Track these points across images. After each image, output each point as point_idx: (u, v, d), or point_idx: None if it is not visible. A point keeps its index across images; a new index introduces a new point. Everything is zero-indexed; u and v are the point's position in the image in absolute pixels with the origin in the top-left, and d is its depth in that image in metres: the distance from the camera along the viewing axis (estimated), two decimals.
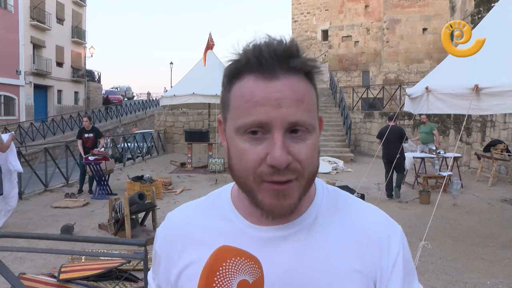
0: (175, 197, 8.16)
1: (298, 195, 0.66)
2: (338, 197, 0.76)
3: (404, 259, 0.71)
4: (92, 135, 8.55)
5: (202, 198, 0.82)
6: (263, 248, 0.69)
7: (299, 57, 0.64)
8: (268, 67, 0.63)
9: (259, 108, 0.62)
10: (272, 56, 0.63)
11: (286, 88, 0.62)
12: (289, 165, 0.63)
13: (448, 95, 4.81)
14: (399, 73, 20.46)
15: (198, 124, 17.36)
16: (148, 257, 2.66)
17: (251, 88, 0.63)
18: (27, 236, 3.80)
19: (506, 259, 4.68)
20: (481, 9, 12.24)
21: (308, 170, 0.65)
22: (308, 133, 0.65)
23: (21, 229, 5.85)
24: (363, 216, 0.74)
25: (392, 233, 0.72)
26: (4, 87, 23.45)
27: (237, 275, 0.57)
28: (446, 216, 6.51)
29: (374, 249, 0.70)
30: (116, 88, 43.41)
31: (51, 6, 28.46)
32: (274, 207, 0.65)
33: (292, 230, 0.70)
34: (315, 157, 0.67)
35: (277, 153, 0.61)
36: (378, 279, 0.70)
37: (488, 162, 9.90)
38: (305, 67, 0.65)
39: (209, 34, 12.04)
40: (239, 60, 0.65)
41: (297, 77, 0.64)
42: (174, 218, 0.80)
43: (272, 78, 0.63)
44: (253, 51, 0.64)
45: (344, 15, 23.97)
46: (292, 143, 0.63)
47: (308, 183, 0.67)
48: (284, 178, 0.63)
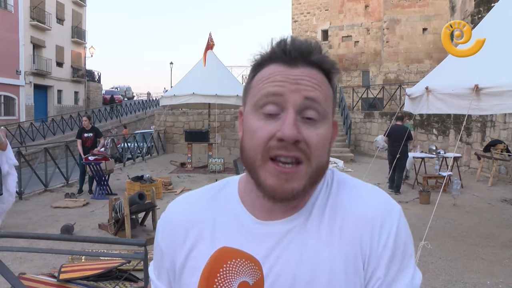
0: (175, 197, 8.13)
1: (303, 182, 0.65)
2: (334, 179, 0.75)
3: (395, 241, 0.67)
4: (91, 135, 8.50)
5: (203, 190, 0.80)
6: (269, 243, 0.69)
7: (320, 54, 0.69)
8: (290, 57, 0.67)
9: (277, 83, 0.66)
10: (296, 49, 0.68)
11: (305, 74, 0.67)
12: (298, 142, 0.64)
13: (448, 95, 4.81)
14: (399, 73, 20.46)
15: (198, 124, 17.36)
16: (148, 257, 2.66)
17: (271, 71, 0.68)
18: (27, 236, 3.79)
19: (506, 259, 4.68)
20: (481, 9, 12.24)
21: (315, 157, 0.66)
22: (321, 120, 0.66)
23: (21, 229, 5.84)
24: (358, 197, 0.72)
25: (387, 213, 0.69)
26: (4, 87, 23.45)
27: (237, 277, 0.57)
28: (446, 216, 6.51)
29: (365, 229, 0.68)
30: (116, 88, 43.40)
31: (51, 6, 28.46)
32: (275, 188, 0.65)
33: (295, 222, 0.70)
34: (324, 148, 0.67)
35: (287, 127, 0.63)
36: (366, 260, 0.67)
37: (488, 162, 9.90)
38: (324, 63, 0.69)
39: (209, 34, 12.04)
40: (265, 53, 0.70)
41: (316, 70, 0.68)
42: (175, 210, 0.79)
43: (292, 66, 0.67)
44: (279, 44, 0.69)
45: (344, 15, 23.98)
46: (304, 126, 0.65)
47: (316, 174, 0.67)
48: (290, 154, 0.64)
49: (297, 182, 0.65)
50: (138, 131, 18.53)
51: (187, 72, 13.02)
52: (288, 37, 0.69)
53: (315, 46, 0.69)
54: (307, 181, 0.66)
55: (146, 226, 5.87)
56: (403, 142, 7.86)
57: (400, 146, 7.75)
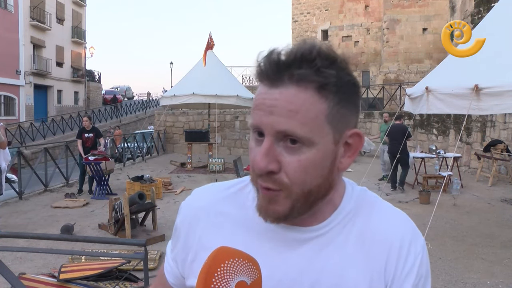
0: (175, 197, 8.16)
1: (287, 206, 0.64)
2: (364, 201, 0.73)
3: (419, 271, 0.68)
4: (92, 135, 8.47)
5: (230, 183, 0.80)
6: (283, 249, 0.69)
7: (310, 66, 0.60)
8: (268, 75, 0.62)
9: (257, 111, 0.63)
10: (273, 64, 0.61)
11: (282, 97, 0.61)
12: (273, 174, 0.62)
13: (448, 95, 4.81)
14: (399, 73, 20.47)
15: (198, 124, 17.36)
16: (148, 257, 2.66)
17: (258, 92, 0.65)
18: (27, 236, 3.79)
19: (506, 259, 4.68)
20: (481, 9, 12.24)
21: (298, 185, 0.62)
22: (305, 146, 0.61)
23: (21, 229, 5.84)
24: (386, 223, 0.71)
25: (414, 241, 0.69)
26: (4, 87, 23.46)
27: (235, 277, 0.58)
28: (446, 216, 6.51)
29: (391, 253, 0.68)
30: (116, 88, 43.41)
31: (51, 6, 28.46)
32: (261, 209, 0.66)
33: (314, 233, 0.69)
34: (311, 174, 0.63)
35: (257, 158, 0.62)
36: (389, 284, 0.68)
37: (488, 162, 9.90)
38: (309, 77, 0.60)
39: (209, 34, 12.04)
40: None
41: (300, 87, 0.60)
42: (199, 197, 0.80)
43: (272, 86, 0.62)
44: (257, 59, 0.64)
45: (344, 15, 23.98)
46: (286, 153, 0.62)
47: (304, 198, 0.64)
48: (264, 185, 0.63)
49: (280, 206, 0.64)
50: (138, 131, 18.54)
51: (187, 72, 13.02)
52: (274, 48, 0.62)
53: (305, 55, 0.60)
54: (292, 204, 0.64)
55: (146, 226, 5.87)
56: (403, 141, 7.99)
57: (397, 144, 8.01)
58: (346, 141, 0.66)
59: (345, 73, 0.63)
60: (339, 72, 0.62)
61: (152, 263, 4.38)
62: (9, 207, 7.34)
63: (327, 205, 0.70)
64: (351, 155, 0.67)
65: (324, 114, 0.62)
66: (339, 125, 0.64)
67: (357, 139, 0.67)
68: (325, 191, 0.67)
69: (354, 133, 0.66)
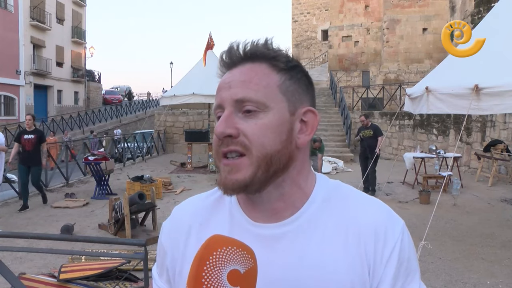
0: (175, 197, 8.16)
1: (248, 172, 0.66)
2: (338, 191, 0.75)
3: (400, 255, 0.68)
4: (33, 137, 6.94)
5: (208, 193, 0.82)
6: (262, 245, 0.69)
7: (263, 46, 0.70)
8: (229, 60, 0.71)
9: (218, 93, 0.70)
10: (234, 50, 0.71)
11: (238, 72, 0.69)
12: (233, 137, 0.66)
13: (448, 95, 4.81)
14: (399, 73, 20.46)
15: (198, 124, 17.36)
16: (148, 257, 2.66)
17: (220, 81, 0.72)
18: (27, 236, 3.80)
19: (506, 259, 4.68)
20: (481, 9, 12.24)
21: (257, 146, 0.66)
22: (261, 112, 0.67)
23: (21, 229, 5.85)
24: (362, 210, 0.71)
25: (390, 228, 0.69)
26: (4, 87, 23.45)
27: (227, 265, 0.56)
28: (446, 216, 6.51)
29: (369, 240, 0.68)
30: (116, 88, 43.39)
31: (51, 6, 28.46)
32: (221, 181, 0.68)
33: (289, 227, 0.70)
34: (269, 137, 0.66)
35: (218, 124, 0.67)
36: (371, 273, 0.67)
37: (488, 162, 9.90)
38: (257, 53, 0.70)
39: (209, 34, 12.04)
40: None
41: (255, 63, 0.69)
42: (180, 212, 0.81)
43: (232, 68, 0.71)
44: (221, 53, 0.73)
45: (344, 15, 23.96)
46: (242, 120, 0.67)
47: (265, 163, 0.66)
48: (226, 149, 0.67)
49: (240, 174, 0.66)
50: (138, 131, 18.54)
51: (187, 72, 13.02)
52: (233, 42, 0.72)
53: (250, 42, 0.71)
54: (253, 171, 0.66)
55: (146, 226, 5.87)
56: (371, 140, 8.00)
57: (367, 146, 7.99)
58: (301, 119, 0.71)
59: (294, 60, 0.72)
60: (288, 56, 0.71)
61: (152, 263, 4.36)
62: (9, 207, 7.34)
63: (295, 190, 0.71)
64: (308, 133, 0.71)
65: (276, 84, 0.69)
66: (292, 98, 0.70)
67: (312, 116, 0.71)
68: (285, 161, 0.69)
69: (308, 109, 0.71)
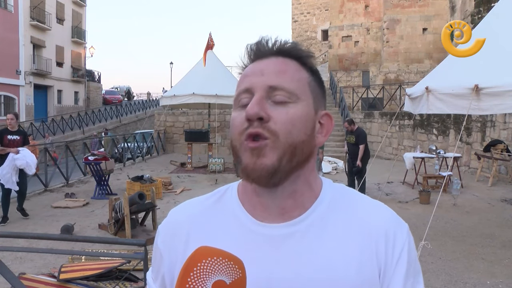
0: (175, 197, 8.16)
1: (275, 157, 0.66)
2: (345, 193, 0.76)
3: (408, 256, 0.70)
4: (18, 138, 6.47)
5: (206, 195, 0.81)
6: (270, 246, 0.69)
7: (293, 45, 0.73)
8: (259, 52, 0.73)
9: (247, 78, 0.71)
10: (261, 44, 0.73)
11: (271, 63, 0.71)
12: (263, 121, 0.66)
13: (448, 95, 4.81)
14: (399, 73, 20.46)
15: (198, 124, 17.36)
16: (148, 257, 2.66)
17: (245, 70, 0.74)
18: (27, 236, 3.80)
19: (506, 259, 4.68)
20: (481, 9, 12.24)
21: (284, 132, 0.66)
22: (291, 103, 0.68)
23: (21, 229, 5.85)
24: (370, 212, 0.73)
25: (399, 230, 0.72)
26: (4, 87, 23.44)
27: (212, 276, 0.56)
28: (446, 216, 6.51)
29: (379, 240, 0.70)
30: (116, 88, 43.37)
31: (51, 6, 28.44)
32: (249, 166, 0.67)
33: (297, 227, 0.70)
34: (297, 127, 0.68)
35: (250, 106, 0.66)
36: (382, 273, 0.69)
37: (488, 162, 9.90)
38: (291, 50, 0.72)
39: (209, 34, 12.05)
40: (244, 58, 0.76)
41: (286, 58, 0.72)
42: (177, 214, 0.79)
43: (261, 59, 0.72)
44: (246, 48, 0.74)
45: (344, 15, 23.96)
46: (273, 107, 0.67)
47: (290, 151, 0.67)
48: (254, 131, 0.66)
49: (267, 158, 0.66)
50: (138, 131, 18.53)
51: (187, 72, 13.03)
52: (256, 39, 0.74)
53: (284, 40, 0.73)
54: (279, 157, 0.66)
55: (146, 226, 5.87)
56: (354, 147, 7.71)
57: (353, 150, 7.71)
58: (319, 121, 0.74)
59: (306, 50, 0.75)
60: (314, 61, 0.75)
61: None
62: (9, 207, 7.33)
63: (306, 188, 0.72)
64: (325, 135, 0.75)
65: (307, 80, 0.72)
66: (316, 98, 0.73)
67: (328, 119, 0.75)
68: (307, 154, 0.70)
69: (325, 113, 0.75)
